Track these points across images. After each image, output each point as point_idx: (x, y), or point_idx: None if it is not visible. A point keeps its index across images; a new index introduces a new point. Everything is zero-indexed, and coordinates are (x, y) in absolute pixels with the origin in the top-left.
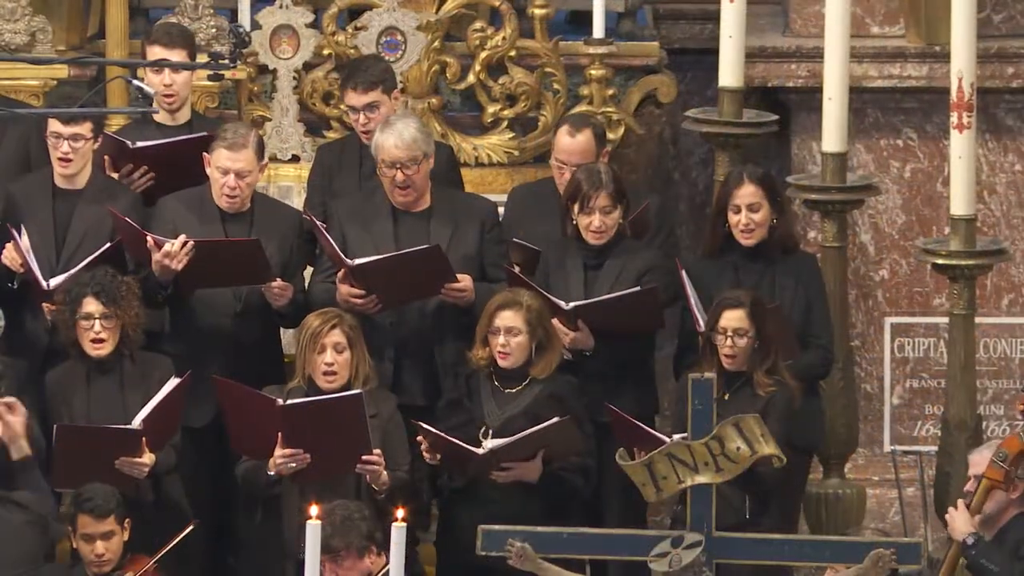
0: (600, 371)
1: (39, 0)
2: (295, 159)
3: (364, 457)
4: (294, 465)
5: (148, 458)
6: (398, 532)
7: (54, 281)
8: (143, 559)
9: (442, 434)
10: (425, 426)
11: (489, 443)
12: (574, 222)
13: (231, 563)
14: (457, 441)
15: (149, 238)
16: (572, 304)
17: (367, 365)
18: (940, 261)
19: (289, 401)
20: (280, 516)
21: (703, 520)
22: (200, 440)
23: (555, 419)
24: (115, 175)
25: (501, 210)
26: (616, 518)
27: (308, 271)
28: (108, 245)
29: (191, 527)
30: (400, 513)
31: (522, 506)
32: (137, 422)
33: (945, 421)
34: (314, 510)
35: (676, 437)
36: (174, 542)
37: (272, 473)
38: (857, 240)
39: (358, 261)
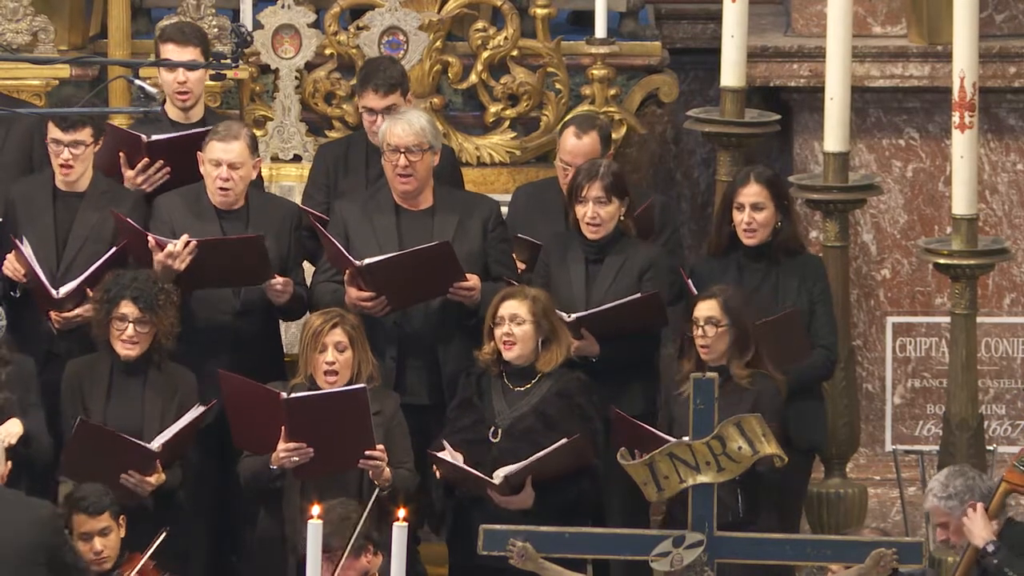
0: (605, 370)
1: (41, 0)
2: (297, 159)
3: (367, 452)
4: (297, 459)
5: (156, 478)
6: (399, 531)
7: (63, 289)
8: (141, 557)
9: (459, 464)
10: (440, 456)
11: (503, 471)
12: (575, 216)
13: (235, 561)
14: (473, 471)
15: (150, 238)
16: (574, 315)
17: (370, 364)
18: (942, 261)
19: (293, 394)
20: (282, 514)
21: (704, 520)
22: (203, 440)
23: (563, 440)
24: (130, 172)
25: (504, 210)
26: (618, 517)
27: (307, 266)
28: (113, 250)
29: (163, 535)
30: (402, 512)
31: (534, 508)
32: (156, 445)
33: (947, 421)
34: (316, 509)
35: (684, 439)
36: (150, 550)
37: (275, 467)
38: (859, 240)
39: (366, 261)
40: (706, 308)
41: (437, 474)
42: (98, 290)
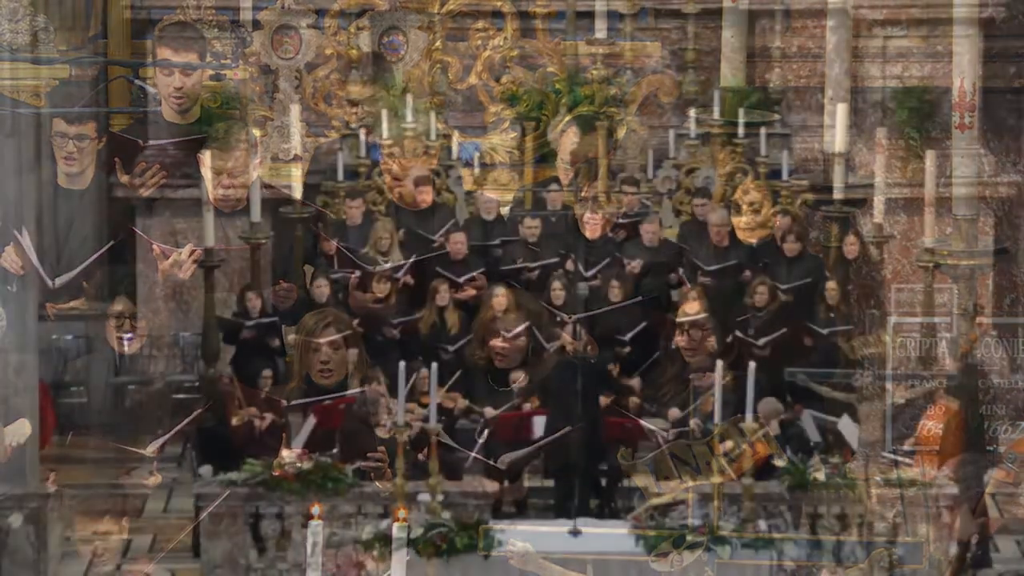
0: (607, 367)
1: (41, 0)
2: (297, 159)
3: (369, 454)
4: (300, 465)
5: (153, 480)
6: (399, 531)
7: (59, 280)
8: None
9: (463, 448)
10: (448, 441)
11: (507, 456)
12: (574, 216)
13: (239, 560)
14: (479, 457)
15: (155, 246)
16: (575, 317)
17: (366, 365)
18: (942, 261)
19: (294, 401)
20: (282, 513)
21: (704, 520)
22: (205, 441)
23: (567, 428)
24: (126, 178)
25: (505, 211)
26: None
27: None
28: (111, 243)
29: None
30: (402, 513)
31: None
32: (151, 450)
33: (946, 422)
34: (316, 509)
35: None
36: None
37: (277, 474)
38: (859, 240)
39: (380, 267)
40: (692, 310)
41: (423, 456)
42: (91, 287)
